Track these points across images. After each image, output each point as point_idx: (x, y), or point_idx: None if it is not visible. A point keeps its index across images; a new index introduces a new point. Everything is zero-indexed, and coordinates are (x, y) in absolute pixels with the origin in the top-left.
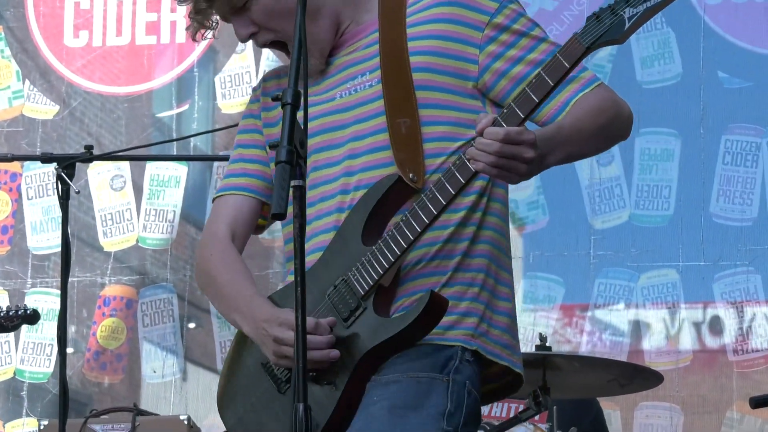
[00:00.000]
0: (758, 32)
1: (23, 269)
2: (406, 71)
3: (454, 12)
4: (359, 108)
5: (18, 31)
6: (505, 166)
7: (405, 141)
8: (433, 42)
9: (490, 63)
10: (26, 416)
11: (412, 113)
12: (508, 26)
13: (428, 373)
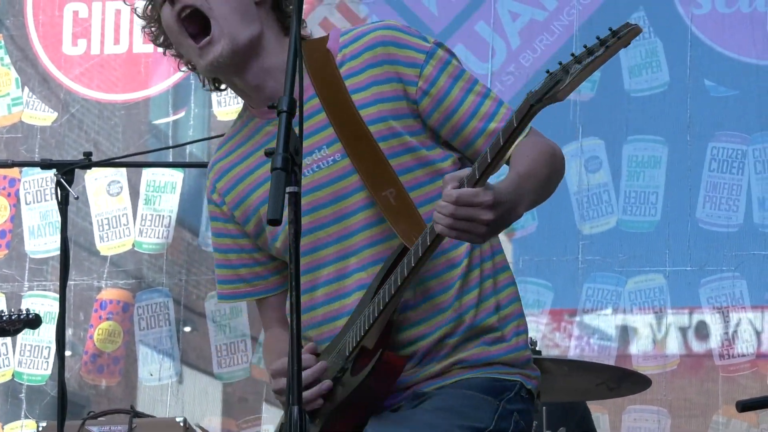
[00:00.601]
0: (744, 41)
1: (21, 273)
2: (371, 142)
3: (387, 71)
4: (334, 185)
5: (17, 39)
6: (463, 228)
7: (398, 211)
8: (382, 106)
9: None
10: (25, 418)
11: (394, 182)
12: (436, 77)
13: (482, 395)
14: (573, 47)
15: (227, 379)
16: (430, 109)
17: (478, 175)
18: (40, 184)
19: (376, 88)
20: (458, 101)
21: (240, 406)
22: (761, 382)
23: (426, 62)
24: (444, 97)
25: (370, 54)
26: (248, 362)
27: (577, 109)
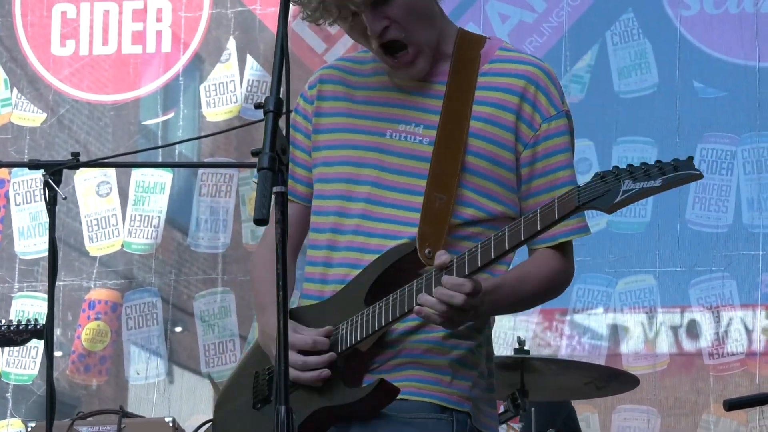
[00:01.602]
0: (733, 43)
1: (11, 274)
2: (460, 149)
3: (515, 103)
4: (410, 160)
5: (6, 39)
6: (447, 318)
7: (435, 216)
8: (489, 128)
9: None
10: (10, 417)
11: (450, 191)
12: (547, 138)
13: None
14: (562, 49)
15: (217, 378)
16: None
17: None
18: (29, 185)
19: (493, 110)
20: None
21: None
22: (751, 381)
23: (552, 119)
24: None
25: (509, 82)
26: (236, 361)
27: None
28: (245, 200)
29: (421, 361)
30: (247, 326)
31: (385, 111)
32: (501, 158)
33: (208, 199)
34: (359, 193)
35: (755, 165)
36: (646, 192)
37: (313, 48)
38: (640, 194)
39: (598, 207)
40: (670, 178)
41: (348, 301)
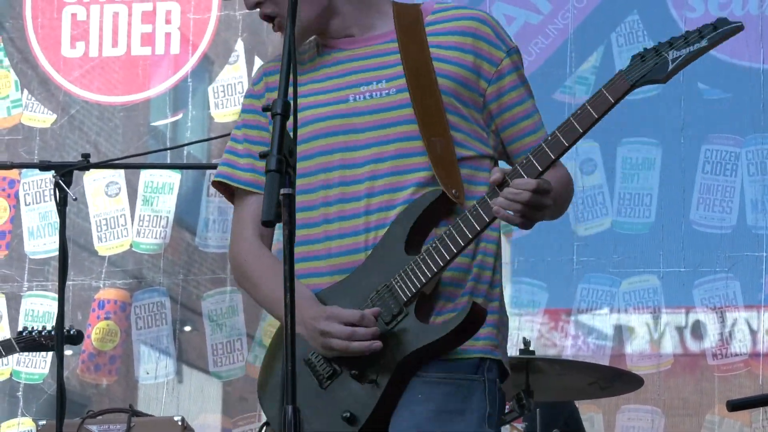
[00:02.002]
0: (737, 45)
1: (20, 273)
2: (435, 92)
3: (475, 44)
4: (379, 114)
5: (17, 41)
6: (529, 216)
7: (442, 160)
8: (457, 69)
9: (496, 97)
10: (21, 416)
11: (444, 134)
12: (511, 71)
13: (467, 375)
14: (568, 50)
15: (224, 378)
16: (493, 96)
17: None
18: (39, 185)
19: (457, 53)
20: (518, 100)
21: (239, 404)
22: (755, 382)
23: (506, 55)
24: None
25: (461, 26)
26: (244, 361)
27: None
28: None
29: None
30: (255, 325)
31: (338, 81)
32: (470, 100)
33: (216, 200)
34: (360, 158)
35: (759, 167)
36: (694, 54)
37: None
38: (690, 57)
39: (654, 79)
40: (714, 37)
41: (387, 260)
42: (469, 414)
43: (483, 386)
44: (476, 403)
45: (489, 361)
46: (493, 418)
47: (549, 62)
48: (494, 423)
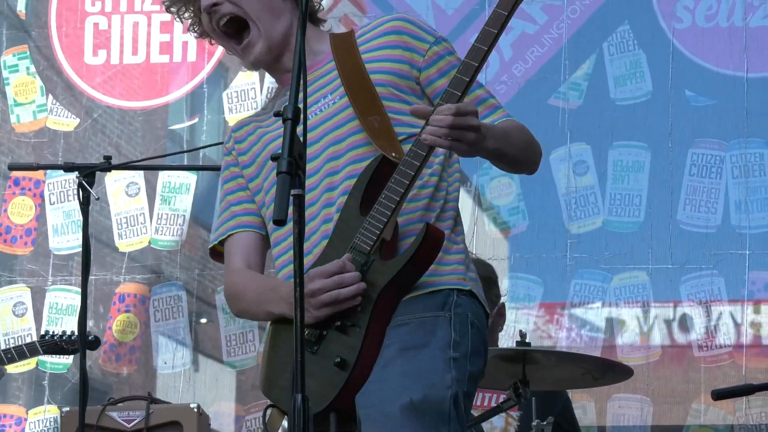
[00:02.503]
0: (722, 54)
1: (45, 268)
2: (367, 81)
3: (401, 39)
4: (331, 120)
5: (42, 49)
6: (457, 137)
7: (380, 132)
8: (390, 64)
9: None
10: (47, 403)
11: (380, 111)
12: (443, 56)
13: (432, 313)
14: (562, 58)
15: (238, 367)
16: (435, 76)
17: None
18: (63, 185)
19: (386, 51)
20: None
21: (252, 392)
22: (738, 372)
23: (434, 44)
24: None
25: (385, 28)
26: (256, 351)
27: (566, 116)
28: None
29: None
30: None
31: None
32: (407, 88)
33: None
34: (316, 165)
35: (742, 169)
36: None
37: None
38: None
39: None
40: None
41: (350, 225)
42: (433, 344)
43: (449, 320)
44: (440, 333)
45: (457, 294)
46: (461, 346)
47: (544, 69)
48: (463, 351)
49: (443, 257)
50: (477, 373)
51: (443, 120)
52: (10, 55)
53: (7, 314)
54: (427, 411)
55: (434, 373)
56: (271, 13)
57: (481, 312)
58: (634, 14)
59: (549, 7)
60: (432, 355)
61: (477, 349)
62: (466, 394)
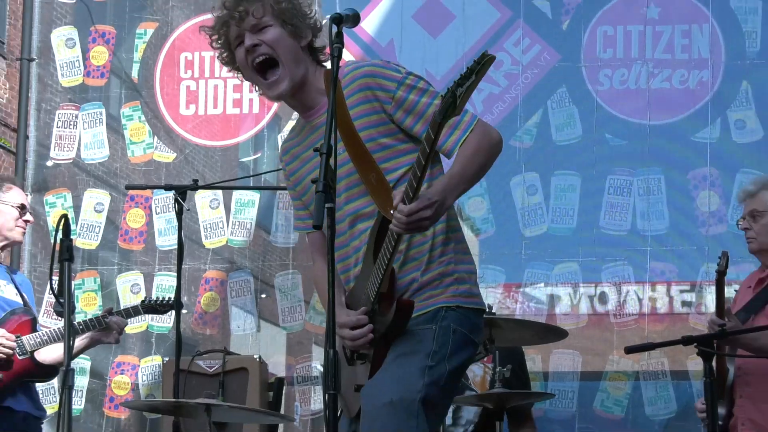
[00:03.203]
0: (632, 108)
1: (153, 259)
2: (359, 142)
3: (372, 94)
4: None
5: (150, 104)
6: (413, 228)
7: (378, 189)
8: (369, 118)
9: (402, 119)
10: (154, 354)
11: (374, 166)
12: (405, 98)
13: (422, 326)
14: (518, 111)
15: (289, 330)
16: (402, 118)
17: (412, 193)
18: (165, 200)
19: (362, 107)
20: (421, 112)
21: (297, 347)
22: (642, 334)
23: (396, 89)
24: (412, 108)
25: (357, 85)
26: (302, 319)
27: (521, 153)
28: None
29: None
30: (310, 295)
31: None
32: (386, 131)
33: (283, 211)
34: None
35: (645, 190)
36: (471, 87)
37: None
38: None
39: (453, 115)
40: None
41: (366, 270)
42: (418, 352)
43: (434, 332)
44: (425, 344)
45: (445, 310)
46: (439, 354)
47: (505, 119)
48: (439, 357)
49: (441, 282)
50: (459, 366)
51: (401, 220)
52: (127, 108)
53: (127, 292)
54: (401, 408)
55: (412, 378)
56: (295, 59)
57: (464, 315)
58: (569, 80)
59: (509, 75)
60: (413, 363)
61: (457, 348)
62: (447, 380)
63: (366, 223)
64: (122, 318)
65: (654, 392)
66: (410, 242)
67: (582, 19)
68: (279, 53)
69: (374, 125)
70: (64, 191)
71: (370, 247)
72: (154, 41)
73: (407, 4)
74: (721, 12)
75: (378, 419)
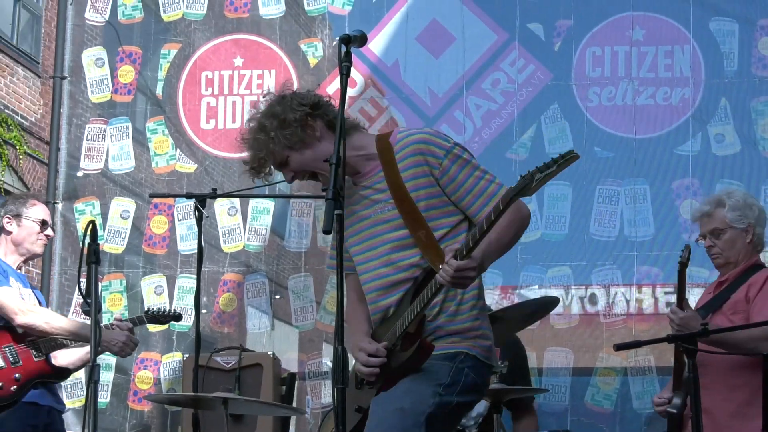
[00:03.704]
0: (619, 122)
1: (175, 263)
2: (410, 201)
3: (424, 158)
4: (387, 223)
5: (173, 119)
6: (457, 283)
7: (428, 246)
8: (419, 180)
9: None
10: (175, 351)
11: (423, 224)
12: (450, 168)
13: (442, 361)
14: (514, 126)
15: (301, 329)
16: (446, 184)
17: (466, 251)
18: (186, 208)
19: (414, 169)
20: (462, 181)
21: (309, 345)
22: (630, 332)
23: (444, 157)
24: (454, 178)
25: (410, 150)
26: (314, 318)
27: (517, 165)
28: (318, 218)
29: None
30: (321, 296)
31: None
32: (433, 192)
33: (296, 218)
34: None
35: (632, 199)
36: (549, 176)
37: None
38: (544, 178)
39: (524, 194)
40: (562, 164)
41: (403, 308)
42: (433, 380)
43: (450, 369)
44: (439, 375)
45: (464, 356)
46: (451, 388)
47: (502, 133)
48: (451, 390)
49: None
50: (464, 403)
51: (448, 273)
52: (152, 122)
53: (150, 293)
54: (410, 415)
55: (424, 394)
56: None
57: (480, 367)
58: (561, 97)
59: (505, 92)
60: (427, 384)
61: (467, 389)
62: (451, 410)
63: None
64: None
65: (641, 387)
66: (446, 295)
67: (572, 40)
68: (308, 169)
69: (424, 187)
70: (93, 199)
71: (411, 289)
72: (177, 61)
73: (411, 27)
74: (701, 34)
75: (386, 421)
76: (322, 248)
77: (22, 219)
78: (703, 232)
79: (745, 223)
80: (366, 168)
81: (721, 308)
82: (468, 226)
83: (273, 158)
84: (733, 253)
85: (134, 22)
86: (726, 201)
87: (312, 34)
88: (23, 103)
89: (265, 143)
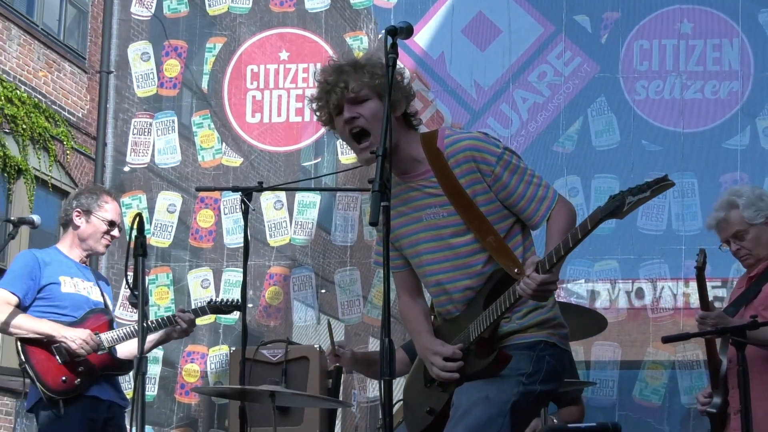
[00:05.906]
0: (666, 116)
1: (221, 256)
2: (475, 208)
3: (477, 165)
4: (446, 228)
5: (218, 113)
6: (538, 296)
7: (499, 251)
8: (476, 187)
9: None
10: (221, 344)
11: (493, 232)
12: (501, 174)
13: (522, 351)
14: (561, 119)
15: (347, 322)
16: (498, 190)
17: (549, 266)
18: (232, 201)
19: (470, 176)
20: (515, 188)
21: (355, 338)
22: (677, 326)
23: (496, 164)
24: (506, 185)
25: (463, 156)
26: (360, 312)
27: (563, 157)
28: (364, 211)
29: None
30: (367, 290)
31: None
32: (489, 198)
33: (342, 212)
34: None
35: (680, 192)
36: (642, 200)
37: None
38: (639, 202)
39: (614, 217)
40: (656, 189)
41: (472, 311)
42: (516, 369)
43: (531, 357)
44: (522, 364)
45: (544, 344)
46: (534, 376)
47: (549, 126)
48: (534, 378)
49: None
50: (546, 392)
51: (530, 285)
52: (197, 116)
53: (197, 287)
54: (496, 404)
55: (508, 384)
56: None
57: (560, 353)
58: (608, 90)
59: (552, 85)
60: (510, 375)
61: (549, 377)
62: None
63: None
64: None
65: (689, 382)
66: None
67: (620, 33)
68: (373, 126)
69: (481, 193)
70: (140, 193)
71: (483, 292)
72: (222, 55)
73: (457, 19)
74: (750, 27)
75: (472, 410)
76: (369, 242)
77: (91, 216)
78: (725, 237)
79: (764, 216)
80: (415, 170)
81: (752, 303)
82: (521, 228)
83: (357, 90)
84: (762, 249)
85: (180, 17)
86: (737, 201)
87: (357, 28)
88: (70, 99)
89: (372, 74)
